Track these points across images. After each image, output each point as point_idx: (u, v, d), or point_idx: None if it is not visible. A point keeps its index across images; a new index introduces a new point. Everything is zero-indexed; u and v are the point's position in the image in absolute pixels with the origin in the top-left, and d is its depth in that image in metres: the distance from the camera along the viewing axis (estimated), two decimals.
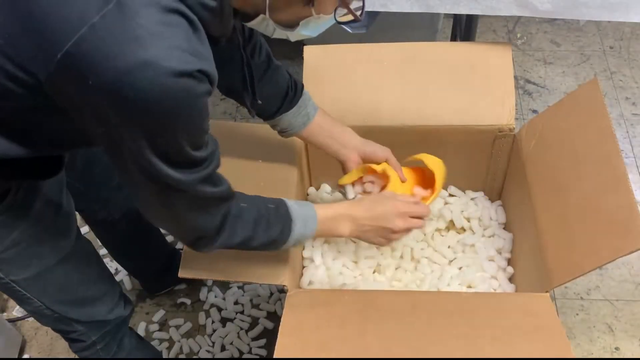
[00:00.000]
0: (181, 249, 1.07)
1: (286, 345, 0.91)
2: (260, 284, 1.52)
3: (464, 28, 1.59)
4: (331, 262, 1.23)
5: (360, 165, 1.10)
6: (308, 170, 1.33)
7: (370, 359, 0.90)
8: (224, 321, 1.50)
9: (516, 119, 1.21)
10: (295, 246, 0.94)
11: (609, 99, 1.91)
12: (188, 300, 1.54)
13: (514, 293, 1.19)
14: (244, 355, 1.43)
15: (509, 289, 1.20)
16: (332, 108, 1.22)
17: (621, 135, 1.80)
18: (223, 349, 1.45)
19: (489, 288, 1.20)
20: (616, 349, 1.41)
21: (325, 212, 0.94)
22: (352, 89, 1.25)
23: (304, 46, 1.26)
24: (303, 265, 1.25)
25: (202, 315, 1.50)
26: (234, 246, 0.86)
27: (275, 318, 1.48)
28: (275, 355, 0.89)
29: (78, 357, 1.17)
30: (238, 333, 1.47)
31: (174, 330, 1.48)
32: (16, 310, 1.54)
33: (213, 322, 1.49)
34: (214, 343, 1.46)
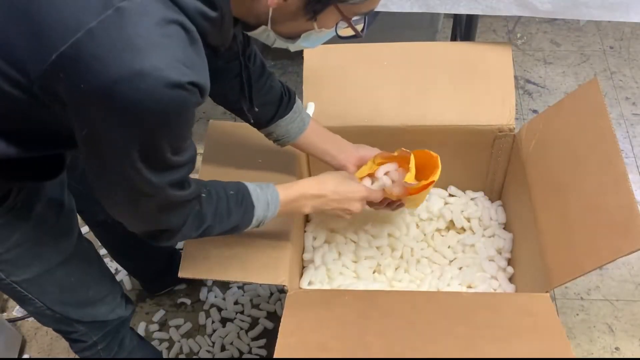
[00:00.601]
0: (181, 249, 1.07)
1: (286, 345, 0.91)
2: (260, 284, 1.52)
3: (464, 28, 1.59)
4: (331, 263, 1.23)
5: (377, 154, 1.10)
6: (308, 170, 1.33)
7: (370, 359, 0.90)
8: (224, 321, 1.50)
9: (516, 119, 1.21)
10: (258, 227, 0.94)
11: (609, 99, 1.91)
12: (188, 300, 1.54)
13: (514, 293, 1.19)
14: (244, 355, 1.43)
15: (509, 289, 1.20)
16: (332, 108, 1.22)
17: (621, 135, 1.80)
18: (223, 349, 1.45)
19: (489, 288, 1.20)
20: (616, 349, 1.41)
21: (289, 194, 0.94)
22: (352, 89, 1.25)
23: None
24: (303, 266, 1.25)
25: (202, 315, 1.50)
26: (196, 237, 0.86)
27: (275, 318, 1.48)
28: (275, 355, 0.89)
29: (79, 357, 1.17)
30: (238, 333, 1.47)
31: (174, 330, 1.48)
32: (16, 310, 1.54)
33: (213, 322, 1.49)
34: (214, 343, 1.46)
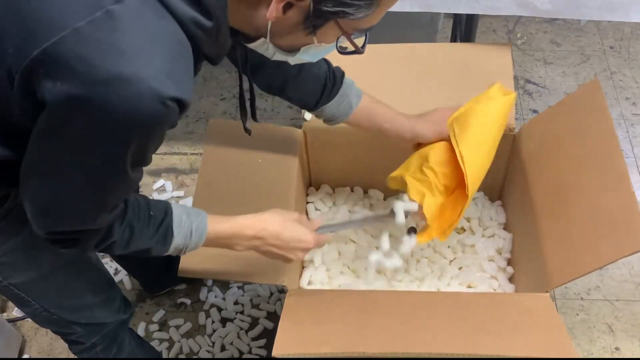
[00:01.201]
0: None
1: (285, 344, 0.91)
2: (260, 284, 1.52)
3: (464, 28, 1.59)
4: (331, 263, 1.23)
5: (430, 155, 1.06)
6: (308, 170, 1.33)
7: (370, 358, 0.90)
8: (224, 321, 1.50)
9: (516, 119, 1.21)
10: (179, 255, 0.89)
11: (609, 99, 1.90)
12: (188, 300, 1.54)
13: (514, 293, 1.19)
14: (244, 355, 1.43)
15: (509, 289, 1.20)
16: None
17: (621, 135, 1.80)
18: (223, 349, 1.45)
19: (489, 288, 1.20)
20: (616, 349, 1.41)
21: (220, 229, 0.87)
22: None
23: None
24: (303, 266, 1.25)
25: (202, 315, 1.50)
26: (94, 250, 0.81)
27: (275, 318, 1.48)
28: (273, 354, 0.89)
29: (78, 358, 1.17)
30: (238, 333, 1.46)
31: (174, 330, 1.48)
32: (16, 311, 1.54)
33: (213, 322, 1.49)
34: (214, 343, 1.46)
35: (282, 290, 1.50)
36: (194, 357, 1.45)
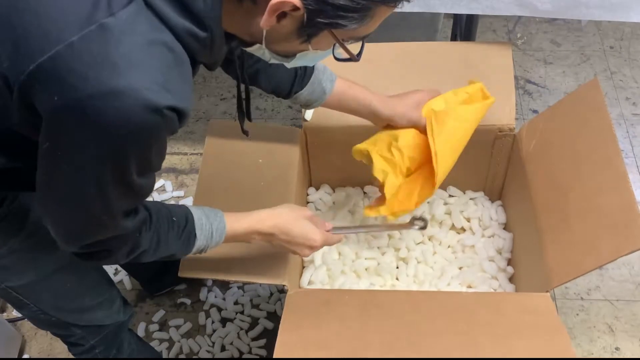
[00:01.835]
0: None
1: (286, 344, 0.91)
2: (260, 284, 1.52)
3: (464, 28, 1.59)
4: (331, 262, 1.23)
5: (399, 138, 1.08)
6: (308, 170, 1.33)
7: (370, 358, 0.90)
8: (224, 321, 1.49)
9: (516, 119, 1.21)
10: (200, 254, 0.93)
11: (609, 99, 1.91)
12: (188, 301, 1.54)
13: (514, 293, 1.19)
14: (244, 355, 1.43)
15: (509, 289, 1.20)
16: None
17: (621, 135, 1.80)
18: (223, 349, 1.45)
19: (489, 288, 1.20)
20: (616, 349, 1.41)
21: (237, 227, 0.92)
22: None
23: None
24: (303, 266, 1.25)
25: (202, 316, 1.50)
26: (125, 261, 0.83)
27: (275, 318, 1.48)
28: (275, 354, 0.89)
29: (77, 359, 1.17)
30: (238, 333, 1.46)
31: (174, 331, 1.48)
32: (16, 311, 1.54)
33: (213, 322, 1.49)
34: (214, 343, 1.46)
35: (282, 290, 1.50)
36: (194, 357, 1.45)
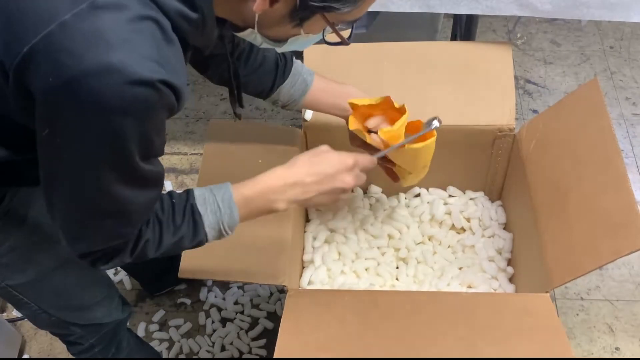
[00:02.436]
0: None
1: (286, 345, 0.91)
2: (260, 284, 1.52)
3: (464, 28, 1.59)
4: (331, 262, 1.23)
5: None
6: None
7: (370, 359, 0.90)
8: (224, 321, 1.50)
9: (516, 119, 1.21)
10: (225, 236, 0.82)
11: (609, 99, 1.91)
12: (188, 301, 1.54)
13: (514, 293, 1.19)
14: (244, 355, 1.43)
15: (509, 289, 1.20)
16: None
17: (621, 135, 1.80)
18: (223, 349, 1.45)
19: (489, 288, 1.20)
20: (616, 349, 1.41)
21: (246, 192, 0.81)
22: None
23: None
24: (303, 266, 1.25)
25: (202, 316, 1.50)
26: (129, 260, 0.78)
27: (275, 318, 1.48)
28: (275, 356, 0.89)
29: (77, 359, 1.17)
30: (238, 333, 1.46)
31: (174, 331, 1.48)
32: (16, 311, 1.54)
33: (213, 322, 1.49)
34: (214, 343, 1.46)
35: (282, 290, 1.50)
36: (194, 357, 1.45)
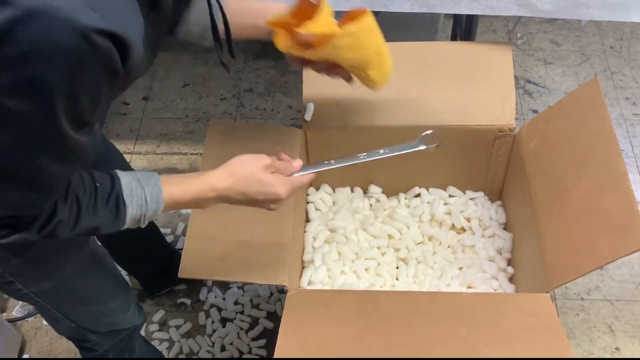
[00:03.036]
0: (181, 249, 1.07)
1: (286, 345, 0.91)
2: (260, 284, 1.52)
3: (464, 28, 1.59)
4: (331, 263, 1.22)
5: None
6: None
7: (370, 359, 0.90)
8: (224, 321, 1.50)
9: (516, 119, 1.21)
10: (140, 226, 0.79)
11: (609, 99, 1.91)
12: (188, 301, 1.54)
13: (514, 293, 1.19)
14: (244, 355, 1.43)
15: (509, 290, 1.20)
16: (332, 108, 1.22)
17: (621, 135, 1.80)
18: (223, 349, 1.45)
19: (489, 288, 1.20)
20: (616, 349, 1.41)
21: (177, 194, 0.79)
22: (352, 89, 1.24)
23: None
24: (303, 266, 1.25)
25: (202, 316, 1.50)
26: (37, 237, 0.71)
27: (275, 318, 1.48)
28: (275, 356, 0.89)
29: (79, 358, 1.18)
30: (238, 333, 1.46)
31: (174, 331, 1.48)
32: (16, 311, 1.54)
33: (213, 322, 1.49)
34: (214, 343, 1.46)
35: (282, 290, 1.50)
36: (194, 357, 1.45)
